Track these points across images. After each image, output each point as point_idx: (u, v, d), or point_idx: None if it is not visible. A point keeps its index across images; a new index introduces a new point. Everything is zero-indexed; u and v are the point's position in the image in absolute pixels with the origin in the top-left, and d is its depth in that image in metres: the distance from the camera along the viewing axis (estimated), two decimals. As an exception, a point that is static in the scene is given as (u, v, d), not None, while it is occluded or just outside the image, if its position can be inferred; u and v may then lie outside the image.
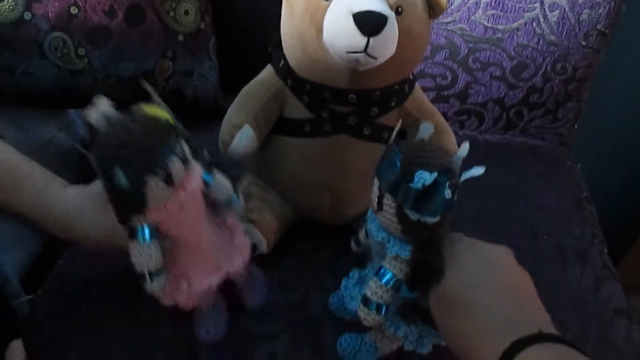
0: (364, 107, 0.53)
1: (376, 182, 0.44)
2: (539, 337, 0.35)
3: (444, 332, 0.41)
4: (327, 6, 0.46)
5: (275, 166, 0.59)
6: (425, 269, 0.42)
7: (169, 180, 0.41)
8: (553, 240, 0.70)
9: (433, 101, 0.82)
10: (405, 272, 0.44)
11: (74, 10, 0.68)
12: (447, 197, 0.40)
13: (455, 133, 0.85)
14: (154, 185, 0.41)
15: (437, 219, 0.41)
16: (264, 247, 0.59)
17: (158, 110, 0.43)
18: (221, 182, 0.48)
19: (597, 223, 0.76)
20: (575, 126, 0.88)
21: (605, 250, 0.72)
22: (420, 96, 0.58)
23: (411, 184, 0.40)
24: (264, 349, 0.53)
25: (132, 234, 0.44)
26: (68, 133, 0.86)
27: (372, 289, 0.45)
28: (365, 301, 0.45)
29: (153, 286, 0.45)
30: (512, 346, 0.35)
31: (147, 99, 0.77)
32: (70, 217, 0.52)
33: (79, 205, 0.52)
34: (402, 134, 0.57)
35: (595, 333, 0.59)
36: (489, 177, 0.80)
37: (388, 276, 0.44)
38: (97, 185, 0.52)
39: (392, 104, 0.54)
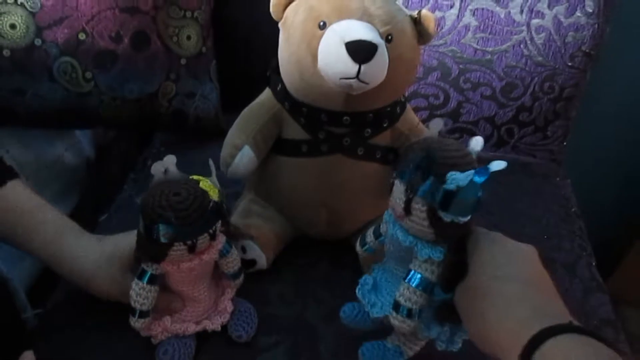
0: (358, 128, 0.56)
1: (400, 187, 0.42)
2: (570, 328, 0.34)
3: (470, 324, 0.41)
4: (322, 35, 0.49)
5: (274, 184, 0.62)
6: (460, 268, 0.41)
7: (192, 249, 0.47)
8: (543, 253, 0.73)
9: (426, 120, 0.85)
10: (437, 274, 0.43)
11: (82, 36, 0.71)
12: (478, 195, 0.40)
13: (448, 150, 0.88)
14: (177, 247, 0.47)
15: (469, 217, 0.41)
16: (263, 262, 0.61)
17: (211, 189, 0.48)
18: (234, 258, 0.54)
19: (585, 237, 0.78)
20: (565, 143, 0.91)
21: (594, 263, 0.74)
22: (411, 117, 0.60)
23: (445, 186, 0.39)
24: (263, 359, 0.55)
25: (141, 274, 0.49)
26: (74, 152, 0.89)
27: (403, 294, 0.44)
28: (397, 307, 0.44)
29: (138, 323, 0.51)
30: (540, 333, 0.34)
31: (152, 120, 0.81)
32: (88, 272, 0.53)
33: (99, 263, 0.53)
34: (394, 152, 0.60)
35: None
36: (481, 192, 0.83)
37: (419, 279, 0.43)
38: (116, 244, 0.54)
39: (385, 124, 0.57)
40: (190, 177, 0.49)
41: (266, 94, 0.60)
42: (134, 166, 0.84)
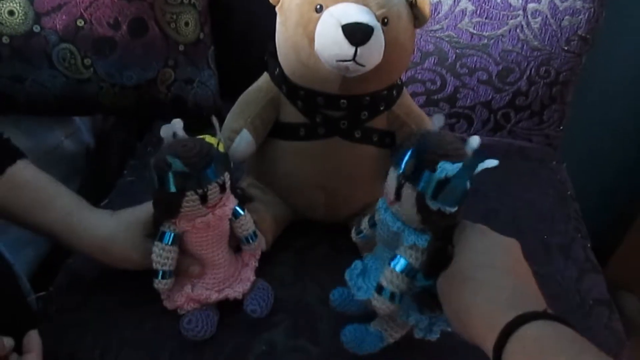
0: (355, 111, 0.57)
1: (393, 172, 0.44)
2: (543, 315, 0.36)
3: (451, 311, 0.42)
4: (319, 18, 0.50)
5: (272, 168, 0.63)
6: (443, 257, 0.43)
7: (203, 199, 0.49)
8: (538, 235, 0.74)
9: (423, 105, 0.87)
10: (421, 261, 0.45)
11: (80, 22, 0.72)
12: (467, 187, 0.41)
13: (445, 135, 0.89)
14: (190, 198, 0.49)
15: (456, 208, 0.42)
16: (263, 245, 0.62)
17: (216, 143, 0.51)
18: (247, 220, 0.56)
19: (580, 219, 0.79)
20: (561, 127, 0.91)
21: (589, 245, 0.75)
22: (408, 100, 0.61)
23: (434, 174, 0.41)
24: (263, 337, 0.57)
25: (161, 236, 0.52)
26: (74, 140, 0.89)
27: (387, 277, 0.45)
28: (380, 290, 0.45)
29: (161, 284, 0.53)
30: (515, 319, 0.36)
31: (151, 106, 0.82)
32: (106, 240, 0.55)
33: (117, 230, 0.55)
34: (391, 136, 0.61)
35: (577, 321, 0.62)
36: (478, 177, 0.84)
37: (403, 264, 0.45)
38: (133, 213, 0.56)
39: (381, 108, 0.58)
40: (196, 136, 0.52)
41: (264, 78, 0.61)
42: (134, 153, 0.84)
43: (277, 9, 0.55)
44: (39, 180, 0.56)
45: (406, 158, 0.42)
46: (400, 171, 0.43)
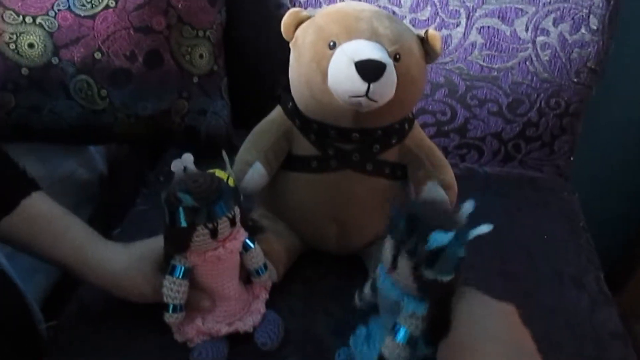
0: (367, 144, 0.58)
1: (389, 242, 0.45)
2: None
3: None
4: (332, 54, 0.51)
5: (284, 199, 0.63)
6: (442, 324, 0.43)
7: (214, 233, 0.50)
8: (551, 266, 0.73)
9: (434, 136, 0.87)
10: (421, 329, 0.45)
11: (97, 55, 0.73)
12: (460, 255, 0.42)
13: (456, 166, 0.90)
14: (200, 232, 0.49)
15: (452, 276, 0.43)
16: (274, 277, 0.62)
17: (225, 176, 0.53)
18: (257, 252, 0.57)
19: (593, 250, 0.79)
20: (572, 158, 0.91)
21: (602, 276, 0.74)
22: (419, 133, 0.62)
23: (427, 245, 0.41)
24: (273, 371, 0.57)
25: (171, 269, 0.52)
26: (87, 168, 0.90)
27: (388, 347, 0.46)
28: (382, 359, 0.46)
29: (172, 318, 0.53)
30: None
31: (165, 136, 0.83)
32: (119, 274, 0.55)
33: (129, 264, 0.55)
34: (403, 168, 0.62)
35: (590, 354, 0.62)
36: (489, 207, 0.84)
37: (403, 333, 0.45)
38: (145, 247, 0.57)
39: (393, 141, 0.59)
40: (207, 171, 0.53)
41: (277, 111, 0.62)
42: (146, 181, 0.85)
43: (291, 45, 0.56)
44: (53, 212, 0.57)
45: (400, 228, 0.44)
46: (395, 241, 0.44)
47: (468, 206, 0.44)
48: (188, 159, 0.52)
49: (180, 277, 0.52)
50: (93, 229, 0.59)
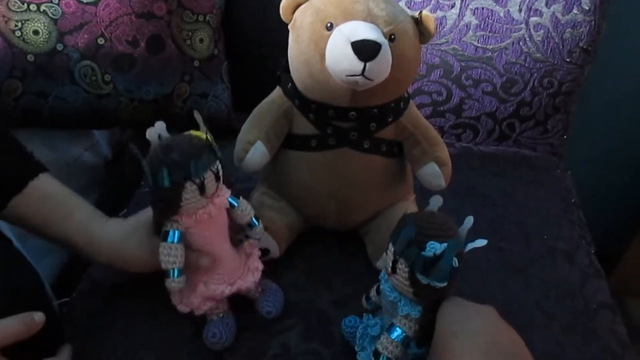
0: (364, 122, 0.59)
1: (391, 247, 0.48)
2: None
3: None
4: (329, 35, 0.53)
5: (285, 178, 0.65)
6: (433, 328, 0.46)
7: (202, 189, 0.50)
8: (544, 241, 0.76)
9: (430, 116, 0.89)
10: (414, 330, 0.49)
11: (101, 41, 0.75)
12: (454, 265, 0.45)
13: (452, 145, 0.92)
14: (189, 189, 0.49)
15: (445, 284, 0.46)
16: (276, 252, 0.65)
17: (202, 135, 0.52)
18: (244, 207, 0.57)
19: (585, 226, 0.81)
20: (565, 137, 0.93)
21: (593, 251, 0.77)
22: (415, 112, 0.64)
23: (423, 252, 0.45)
24: (277, 340, 0.59)
25: (165, 236, 0.52)
26: (93, 152, 0.93)
27: (383, 344, 0.49)
28: (377, 355, 0.49)
29: (174, 282, 0.53)
30: None
31: (168, 119, 0.85)
32: (118, 245, 0.57)
33: (125, 234, 0.57)
34: (399, 146, 0.64)
35: (581, 324, 0.65)
36: (485, 185, 0.87)
37: (398, 333, 0.49)
38: (138, 217, 0.58)
39: (389, 119, 0.61)
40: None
41: (277, 92, 0.64)
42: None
43: (289, 27, 0.58)
44: (60, 193, 0.58)
45: (401, 235, 0.47)
46: (395, 248, 0.48)
47: (468, 222, 0.48)
48: (161, 126, 0.52)
49: (174, 241, 0.52)
50: (99, 209, 0.61)
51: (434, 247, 0.45)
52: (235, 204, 0.56)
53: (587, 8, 0.82)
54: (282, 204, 0.67)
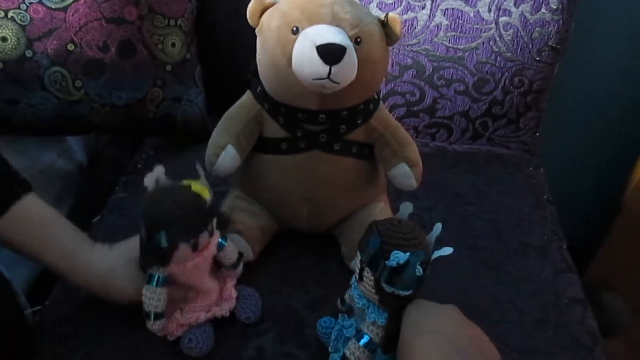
0: (333, 125, 0.60)
1: (358, 256, 0.49)
2: None
3: None
4: (295, 39, 0.53)
5: (257, 181, 0.65)
6: (398, 335, 0.47)
7: (194, 247, 0.51)
8: (516, 238, 0.77)
9: (404, 116, 0.90)
10: (381, 337, 0.50)
11: (70, 47, 0.75)
12: (418, 274, 0.46)
13: (427, 145, 0.93)
14: (182, 248, 0.50)
15: (410, 292, 0.47)
16: (249, 254, 0.65)
17: (202, 190, 0.53)
18: (231, 249, 0.58)
19: (557, 222, 0.82)
20: (537, 134, 0.95)
21: (565, 247, 0.78)
22: (384, 113, 0.64)
23: (387, 262, 0.46)
24: (252, 343, 0.59)
25: (149, 279, 0.53)
26: (67, 158, 0.92)
27: (350, 349, 0.50)
28: None
29: (155, 325, 0.54)
30: None
31: (141, 124, 0.85)
32: (106, 277, 0.56)
33: (115, 265, 0.57)
34: (369, 148, 0.64)
35: (552, 318, 0.66)
36: (458, 184, 0.88)
37: (365, 339, 0.50)
38: (130, 248, 0.57)
39: (359, 121, 0.61)
40: (181, 182, 0.54)
41: (247, 96, 0.64)
42: (125, 170, 0.87)
43: (257, 31, 0.58)
44: (43, 217, 0.57)
45: (367, 244, 0.48)
46: (361, 256, 0.48)
47: (436, 229, 0.49)
48: (159, 171, 0.52)
49: (158, 286, 0.53)
50: (80, 230, 0.59)
51: (398, 257, 0.45)
52: (224, 245, 0.57)
53: (555, 7, 0.83)
54: (255, 207, 0.67)
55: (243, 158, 0.62)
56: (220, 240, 0.56)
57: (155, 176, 0.52)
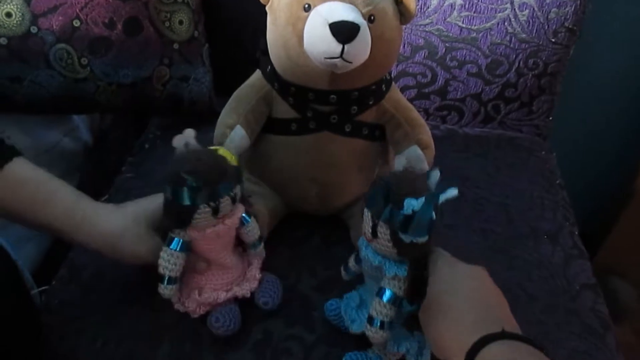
0: (344, 106, 0.59)
1: (367, 213, 0.49)
2: (503, 335, 0.40)
3: (428, 335, 0.46)
4: (307, 17, 0.52)
5: (266, 162, 0.64)
6: (422, 282, 0.47)
7: (215, 211, 0.51)
8: (527, 222, 0.76)
9: (415, 98, 0.88)
10: (404, 289, 0.49)
11: (76, 23, 0.73)
12: (432, 217, 0.46)
13: (437, 127, 0.91)
14: (202, 210, 0.50)
15: (427, 237, 0.47)
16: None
17: (229, 155, 0.53)
18: (254, 227, 0.57)
19: (569, 207, 0.81)
20: (550, 118, 0.93)
21: (577, 232, 0.77)
22: (396, 94, 0.63)
23: (402, 211, 0.45)
24: (260, 326, 0.59)
25: (169, 241, 0.52)
26: (72, 138, 0.91)
27: (375, 308, 0.50)
28: (371, 320, 0.50)
29: (166, 290, 0.54)
30: (478, 341, 0.40)
31: (148, 103, 0.84)
32: (114, 236, 0.54)
33: (124, 225, 0.54)
34: (381, 129, 0.63)
35: (563, 304, 0.65)
36: (469, 167, 0.87)
37: (388, 294, 0.49)
38: (137, 208, 0.56)
39: (370, 102, 0.60)
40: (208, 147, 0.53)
41: (256, 75, 0.62)
42: (132, 150, 0.86)
43: (267, 8, 0.57)
44: (38, 176, 0.55)
45: (376, 200, 0.47)
46: (373, 212, 0.48)
47: (435, 174, 0.49)
48: (190, 134, 0.52)
49: (177, 249, 0.52)
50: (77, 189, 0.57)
51: (412, 204, 0.45)
52: (247, 222, 0.56)
53: (572, -13, 0.81)
54: (264, 189, 0.67)
55: (252, 138, 0.61)
56: (244, 215, 0.56)
57: (184, 138, 0.52)
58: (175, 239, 0.52)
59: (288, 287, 0.63)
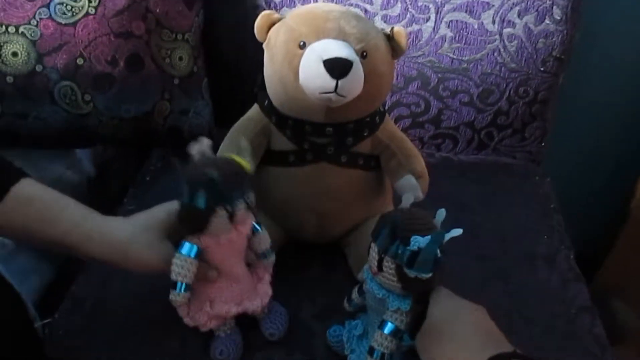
0: (340, 137, 0.60)
1: (374, 247, 0.51)
2: (514, 355, 0.42)
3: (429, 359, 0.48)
4: (302, 54, 0.54)
5: (264, 193, 0.66)
6: (424, 317, 0.49)
7: (232, 216, 0.51)
8: (523, 247, 0.77)
9: (409, 127, 0.91)
10: (405, 323, 0.51)
11: (80, 61, 0.76)
12: (438, 255, 0.48)
13: (432, 155, 0.93)
14: (219, 214, 0.50)
15: (431, 274, 0.48)
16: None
17: (243, 162, 0.54)
18: (264, 236, 0.58)
19: (563, 231, 0.82)
20: (543, 144, 0.95)
21: (572, 255, 0.78)
22: (390, 125, 0.65)
23: (408, 247, 0.47)
24: (260, 354, 0.60)
25: (182, 247, 0.53)
26: (75, 171, 0.93)
27: (377, 340, 0.51)
28: (371, 352, 0.51)
29: (179, 297, 0.53)
30: (493, 358, 0.41)
31: (149, 137, 0.86)
32: (124, 244, 0.54)
33: (134, 233, 0.54)
34: (376, 159, 0.65)
35: (560, 328, 0.66)
36: (464, 194, 0.88)
37: (390, 327, 0.51)
38: (147, 217, 0.56)
39: (365, 133, 0.62)
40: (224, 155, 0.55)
41: (254, 109, 0.65)
42: (134, 182, 0.88)
43: (264, 45, 0.59)
44: (46, 194, 0.56)
45: (383, 235, 0.49)
46: (380, 247, 0.50)
47: (440, 215, 0.51)
48: (206, 142, 0.53)
49: (191, 256, 0.52)
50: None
51: (418, 241, 0.47)
52: (258, 230, 0.57)
53: (559, 18, 0.84)
54: (263, 218, 0.68)
55: (252, 170, 0.62)
56: (254, 224, 0.56)
57: (200, 147, 0.53)
58: (189, 244, 0.52)
59: (288, 315, 0.64)
